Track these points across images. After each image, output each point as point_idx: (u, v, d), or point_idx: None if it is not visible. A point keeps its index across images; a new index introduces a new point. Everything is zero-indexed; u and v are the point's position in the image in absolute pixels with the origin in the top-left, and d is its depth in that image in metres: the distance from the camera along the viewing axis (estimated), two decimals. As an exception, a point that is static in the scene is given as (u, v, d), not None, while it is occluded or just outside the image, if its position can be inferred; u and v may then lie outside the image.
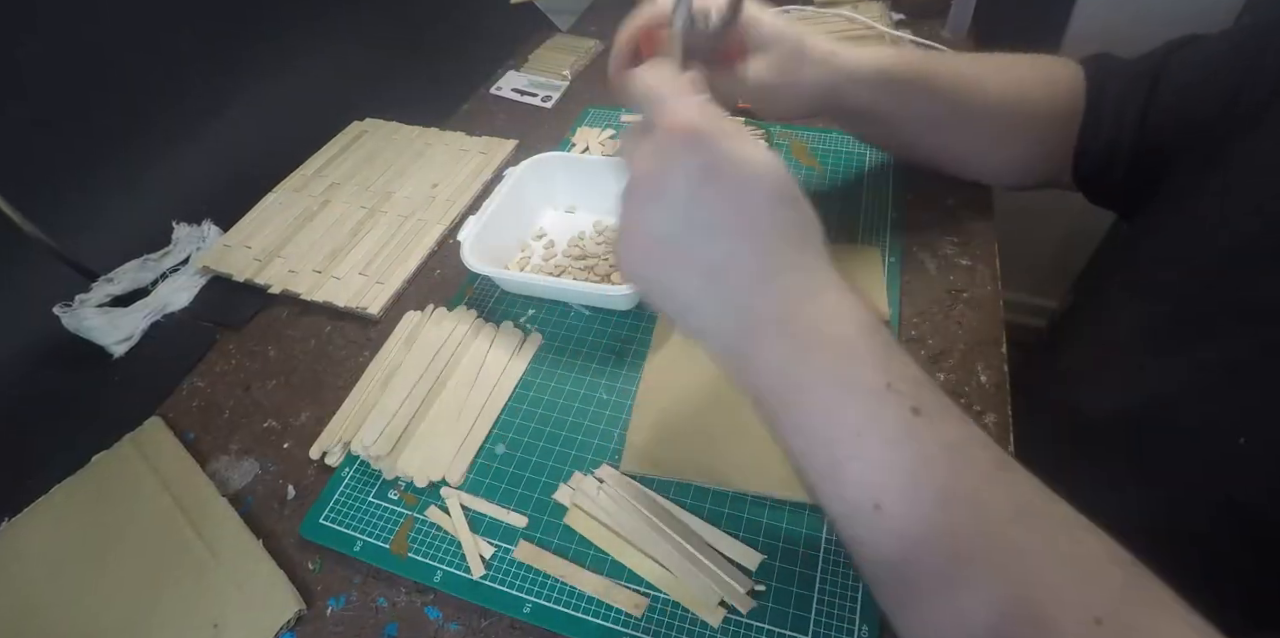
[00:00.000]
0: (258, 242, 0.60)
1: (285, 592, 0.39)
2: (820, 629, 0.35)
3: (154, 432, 0.48)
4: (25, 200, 0.48)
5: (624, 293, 0.48)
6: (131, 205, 0.56)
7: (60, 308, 0.53)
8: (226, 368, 0.53)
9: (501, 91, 0.79)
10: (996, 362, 0.46)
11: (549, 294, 0.54)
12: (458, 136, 0.70)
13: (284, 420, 0.49)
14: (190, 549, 0.41)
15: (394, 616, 0.39)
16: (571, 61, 0.81)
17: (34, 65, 0.48)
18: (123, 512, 0.44)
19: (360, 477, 0.44)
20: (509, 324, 0.52)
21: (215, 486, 0.45)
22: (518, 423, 0.46)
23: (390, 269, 0.57)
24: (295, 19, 0.66)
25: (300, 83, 0.68)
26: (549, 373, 0.49)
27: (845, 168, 0.62)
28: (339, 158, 0.69)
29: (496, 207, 0.54)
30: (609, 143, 0.68)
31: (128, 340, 0.54)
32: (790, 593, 0.37)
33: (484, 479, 0.43)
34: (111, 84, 0.53)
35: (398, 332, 0.52)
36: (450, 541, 0.41)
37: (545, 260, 0.56)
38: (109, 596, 0.40)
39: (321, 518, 0.42)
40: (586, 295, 0.52)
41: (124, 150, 0.55)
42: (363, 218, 0.61)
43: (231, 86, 0.61)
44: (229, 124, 0.62)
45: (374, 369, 0.50)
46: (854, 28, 0.75)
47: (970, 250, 0.54)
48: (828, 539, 0.39)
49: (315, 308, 0.55)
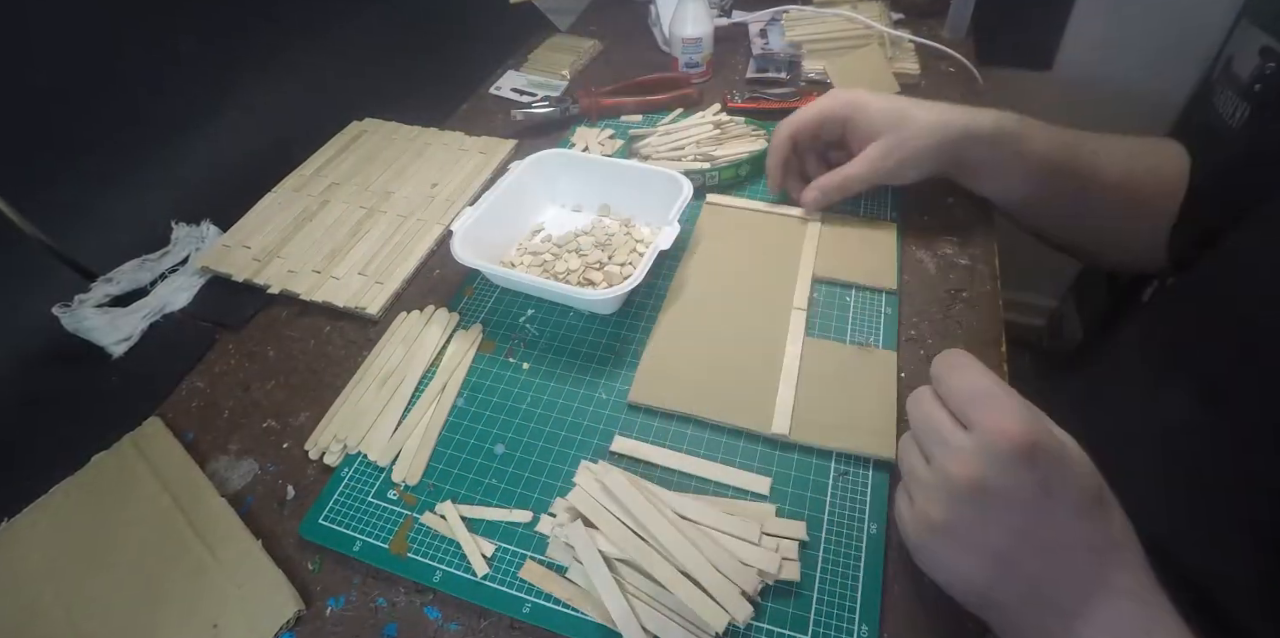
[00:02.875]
0: (257, 242, 0.60)
1: (284, 592, 0.39)
2: (820, 629, 0.35)
3: (153, 432, 0.48)
4: (24, 201, 0.48)
5: (605, 297, 0.47)
6: (130, 205, 0.56)
7: (59, 308, 0.53)
8: (226, 368, 0.53)
9: (501, 91, 0.79)
10: (996, 361, 0.47)
11: (533, 292, 0.54)
12: (457, 136, 0.70)
13: (283, 421, 0.49)
14: (189, 550, 0.41)
15: (393, 616, 0.39)
16: (571, 61, 0.81)
17: (33, 65, 0.48)
18: (122, 512, 0.44)
19: (359, 477, 0.44)
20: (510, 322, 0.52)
21: (214, 486, 0.44)
22: (517, 423, 0.46)
23: (389, 269, 0.57)
24: (295, 20, 0.66)
25: (299, 83, 0.68)
26: (548, 373, 0.49)
27: (844, 167, 0.62)
28: (338, 158, 0.69)
29: (494, 200, 0.54)
30: (608, 142, 0.68)
31: (127, 341, 0.54)
32: (790, 592, 0.37)
33: (483, 479, 0.43)
34: (110, 84, 0.53)
35: (395, 332, 0.52)
36: (450, 540, 0.41)
37: (535, 254, 0.56)
38: (108, 596, 0.40)
39: (321, 518, 0.42)
40: (568, 297, 0.51)
41: (123, 150, 0.54)
42: (362, 218, 0.61)
43: (230, 86, 0.61)
44: (228, 124, 0.62)
45: (372, 369, 0.50)
46: (853, 27, 0.75)
47: (969, 249, 0.54)
48: (828, 538, 0.39)
49: (314, 308, 0.55)
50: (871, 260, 0.53)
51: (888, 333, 0.49)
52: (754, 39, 0.79)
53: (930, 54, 0.74)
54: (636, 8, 0.90)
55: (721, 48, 0.82)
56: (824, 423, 0.43)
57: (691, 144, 0.63)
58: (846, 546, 0.38)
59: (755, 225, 0.57)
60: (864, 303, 0.51)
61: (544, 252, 0.56)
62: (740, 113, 0.68)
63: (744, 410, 0.44)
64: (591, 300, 0.49)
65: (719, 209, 0.59)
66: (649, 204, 0.56)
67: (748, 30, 0.81)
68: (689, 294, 0.52)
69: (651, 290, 0.53)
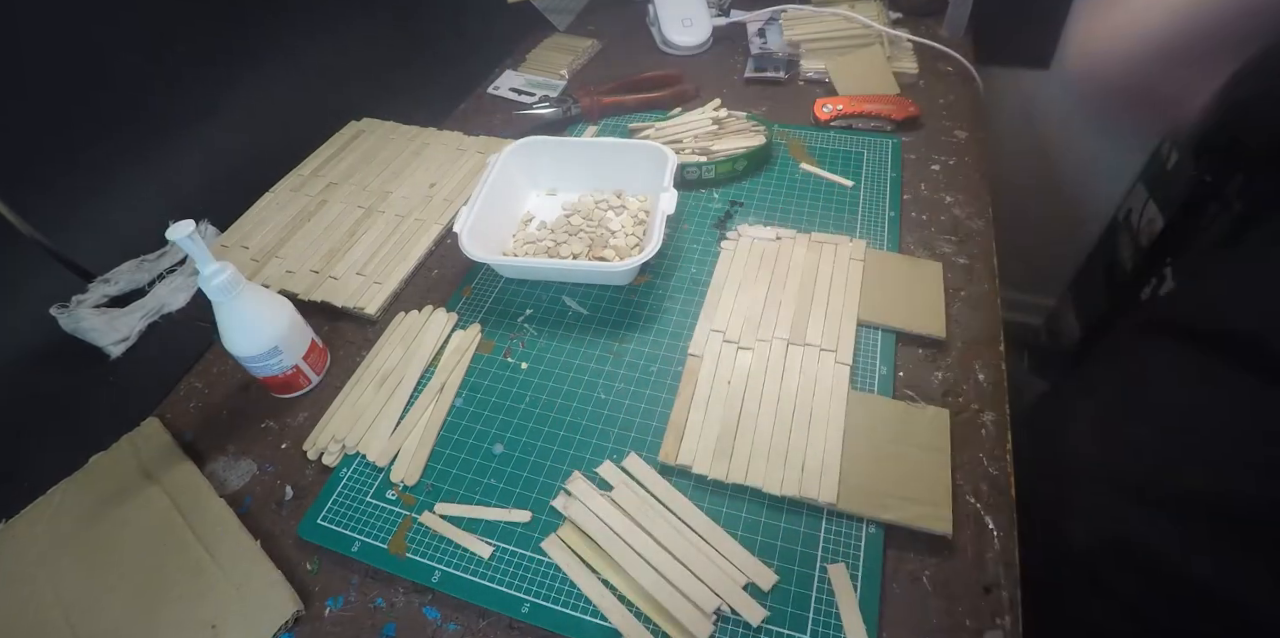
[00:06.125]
0: (255, 242, 0.60)
1: (283, 592, 0.39)
2: (819, 628, 0.35)
3: (152, 432, 0.48)
4: (22, 201, 0.48)
5: (624, 269, 0.48)
6: (128, 206, 0.56)
7: (57, 309, 0.52)
8: (224, 368, 0.53)
9: (499, 91, 0.79)
10: (995, 360, 0.46)
11: (550, 276, 0.54)
12: (455, 136, 0.70)
13: (281, 421, 0.49)
14: (188, 550, 0.41)
15: (392, 616, 0.39)
16: (569, 61, 0.81)
17: (32, 66, 0.48)
18: (121, 513, 0.44)
19: (358, 477, 0.44)
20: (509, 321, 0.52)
21: (213, 486, 0.44)
22: (515, 422, 0.46)
23: (388, 269, 0.57)
24: (292, 19, 0.66)
25: (297, 83, 0.68)
26: (546, 373, 0.49)
27: (844, 167, 0.62)
28: (336, 158, 0.68)
29: (485, 195, 0.55)
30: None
31: (125, 341, 0.54)
32: (789, 592, 0.37)
33: (482, 479, 0.43)
34: (109, 84, 0.52)
35: (393, 332, 0.52)
36: (449, 540, 0.41)
37: (535, 243, 0.57)
38: (107, 596, 0.40)
39: (319, 518, 0.42)
40: (589, 273, 0.53)
41: (121, 151, 0.54)
42: (360, 218, 0.61)
43: (228, 86, 0.61)
44: (226, 124, 0.62)
45: (370, 369, 0.50)
46: (851, 27, 0.75)
47: (968, 249, 0.54)
48: (826, 539, 0.39)
49: (313, 308, 0.55)
50: (919, 304, 0.49)
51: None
52: (752, 38, 0.79)
53: (928, 53, 0.74)
54: (634, 7, 0.90)
55: (719, 47, 0.82)
56: (873, 490, 0.39)
57: (689, 138, 0.64)
58: (846, 545, 0.38)
59: (788, 259, 0.53)
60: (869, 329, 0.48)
61: (543, 239, 0.57)
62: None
63: (788, 479, 0.40)
64: (613, 273, 0.51)
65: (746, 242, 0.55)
66: (635, 177, 0.58)
67: (746, 30, 0.81)
68: (718, 339, 0.48)
69: (645, 302, 0.53)
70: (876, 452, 0.41)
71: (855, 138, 0.65)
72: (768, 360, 0.46)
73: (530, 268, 0.53)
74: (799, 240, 0.54)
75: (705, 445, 0.42)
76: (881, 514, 0.38)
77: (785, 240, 0.54)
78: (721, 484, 0.41)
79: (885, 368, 0.46)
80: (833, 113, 0.66)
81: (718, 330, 0.49)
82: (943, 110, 0.68)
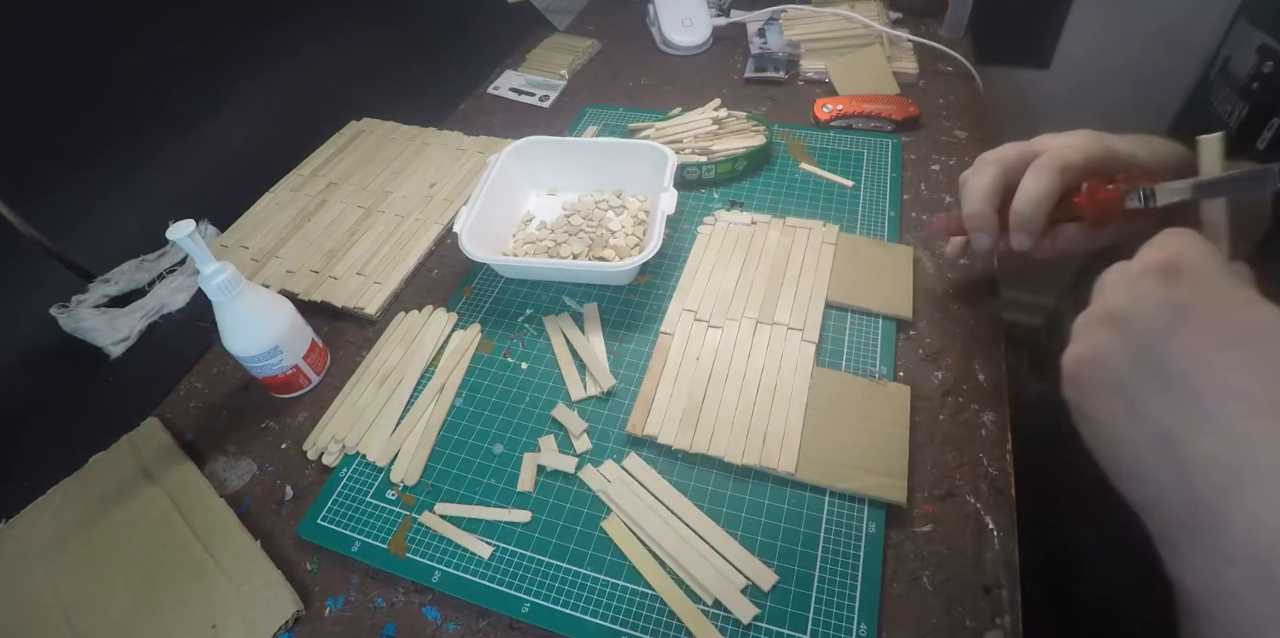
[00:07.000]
0: (255, 242, 0.60)
1: (283, 593, 0.39)
2: (819, 628, 0.35)
3: (151, 432, 0.48)
4: (21, 201, 0.48)
5: (624, 269, 0.48)
6: (128, 206, 0.56)
7: (57, 309, 0.52)
8: (224, 368, 0.53)
9: (499, 91, 0.79)
10: (995, 360, 0.47)
11: (550, 276, 0.54)
12: (455, 136, 0.70)
13: (281, 421, 0.49)
14: (188, 550, 0.41)
15: (392, 616, 0.39)
16: (569, 61, 0.81)
17: (31, 66, 0.48)
18: (120, 513, 0.44)
19: (358, 477, 0.44)
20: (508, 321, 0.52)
21: (213, 486, 0.44)
22: (515, 422, 0.46)
23: (388, 269, 0.57)
24: (292, 19, 0.66)
25: (297, 82, 0.68)
26: (546, 373, 0.49)
27: (844, 167, 0.62)
28: (336, 158, 0.68)
29: (485, 194, 0.55)
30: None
31: (125, 341, 0.54)
32: (789, 592, 0.37)
33: (482, 479, 0.43)
34: (108, 84, 0.52)
35: (393, 332, 0.52)
36: (449, 540, 0.41)
37: (535, 243, 0.57)
38: (106, 596, 0.40)
39: (319, 518, 0.42)
40: (590, 273, 0.53)
41: (120, 151, 0.54)
42: (360, 218, 0.61)
43: (228, 86, 0.61)
44: (226, 124, 0.62)
45: (370, 369, 0.50)
46: (851, 27, 0.75)
47: (967, 248, 0.54)
48: (826, 537, 0.39)
49: (313, 308, 0.55)
50: (888, 286, 0.50)
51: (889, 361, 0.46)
52: (752, 38, 0.79)
53: (928, 53, 0.74)
54: (634, 7, 0.90)
55: (719, 47, 0.82)
56: (832, 461, 0.41)
57: (689, 138, 0.64)
58: (846, 545, 0.38)
59: (761, 242, 0.54)
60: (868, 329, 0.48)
61: (543, 239, 0.57)
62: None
63: (749, 448, 0.42)
64: (613, 273, 0.51)
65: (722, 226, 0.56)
66: (635, 177, 0.58)
67: (746, 30, 0.81)
68: (689, 318, 0.49)
69: (645, 302, 0.53)
70: (838, 425, 0.42)
71: (855, 138, 0.65)
72: (736, 338, 0.48)
73: (530, 268, 0.53)
74: (773, 225, 0.55)
75: (672, 417, 0.44)
76: (838, 483, 0.40)
77: (760, 225, 0.56)
78: (723, 485, 0.41)
79: (885, 368, 0.46)
80: (833, 113, 0.66)
81: (689, 310, 0.50)
82: (943, 110, 0.68)
